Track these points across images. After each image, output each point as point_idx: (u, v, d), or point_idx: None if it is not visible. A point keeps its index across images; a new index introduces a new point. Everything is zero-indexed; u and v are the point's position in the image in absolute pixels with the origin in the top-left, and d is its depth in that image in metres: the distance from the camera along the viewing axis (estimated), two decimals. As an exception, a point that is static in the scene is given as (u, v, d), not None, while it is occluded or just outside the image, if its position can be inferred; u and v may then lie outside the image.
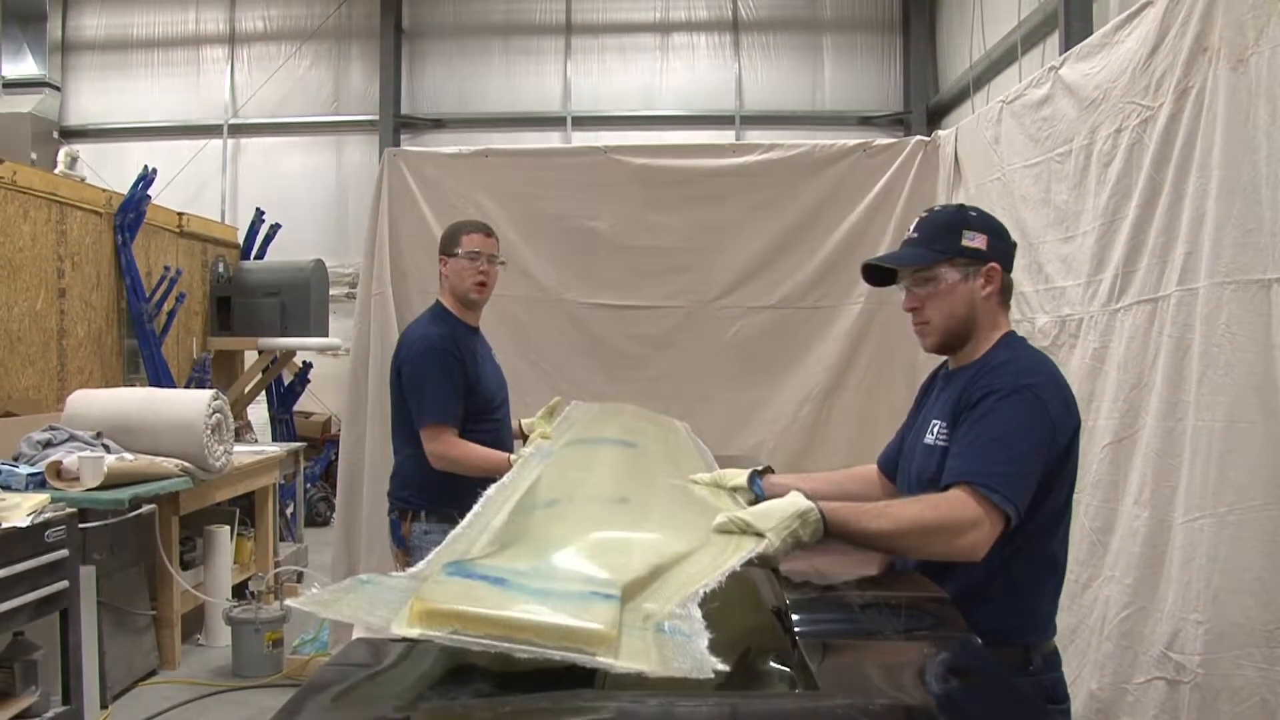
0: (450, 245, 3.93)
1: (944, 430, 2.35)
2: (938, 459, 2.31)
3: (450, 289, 3.95)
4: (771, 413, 5.66)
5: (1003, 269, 2.43)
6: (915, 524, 2.08)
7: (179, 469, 5.53)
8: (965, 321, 2.41)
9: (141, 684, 5.54)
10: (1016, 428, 2.16)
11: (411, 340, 3.89)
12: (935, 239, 2.44)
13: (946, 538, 2.07)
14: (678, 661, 1.42)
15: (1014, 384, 2.23)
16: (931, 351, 2.54)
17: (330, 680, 1.45)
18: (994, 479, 2.10)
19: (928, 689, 1.52)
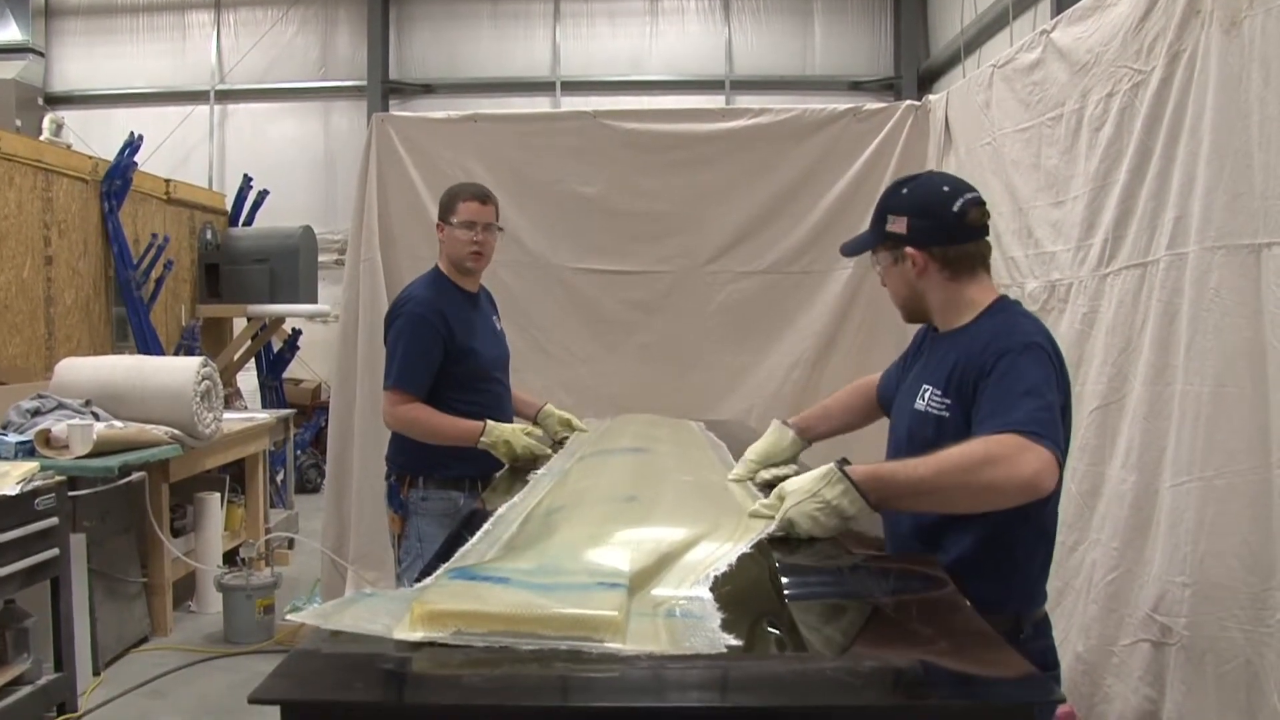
0: (446, 213, 3.84)
1: (937, 397, 2.30)
2: (933, 427, 2.28)
3: (445, 256, 3.88)
4: (761, 377, 5.67)
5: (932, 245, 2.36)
6: (962, 459, 2.00)
7: (168, 436, 5.52)
8: (913, 299, 2.42)
9: (133, 651, 5.55)
10: (1040, 380, 2.13)
11: (400, 302, 3.84)
12: (873, 223, 2.46)
13: (1003, 467, 1.97)
14: (689, 641, 1.42)
15: (1024, 341, 2.20)
16: (908, 322, 2.55)
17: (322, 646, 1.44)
18: (1036, 424, 2.03)
19: (916, 651, 1.53)
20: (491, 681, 1.33)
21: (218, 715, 4.69)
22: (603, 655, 1.36)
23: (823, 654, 1.45)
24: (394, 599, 1.55)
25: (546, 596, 1.46)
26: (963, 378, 2.24)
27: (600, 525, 1.89)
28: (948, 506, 2.10)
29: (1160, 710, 3.25)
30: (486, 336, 3.91)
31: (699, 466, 2.78)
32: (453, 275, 3.87)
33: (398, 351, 3.70)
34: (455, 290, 3.85)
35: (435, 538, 3.56)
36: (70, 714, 4.59)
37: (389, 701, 1.33)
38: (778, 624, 1.66)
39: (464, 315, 3.81)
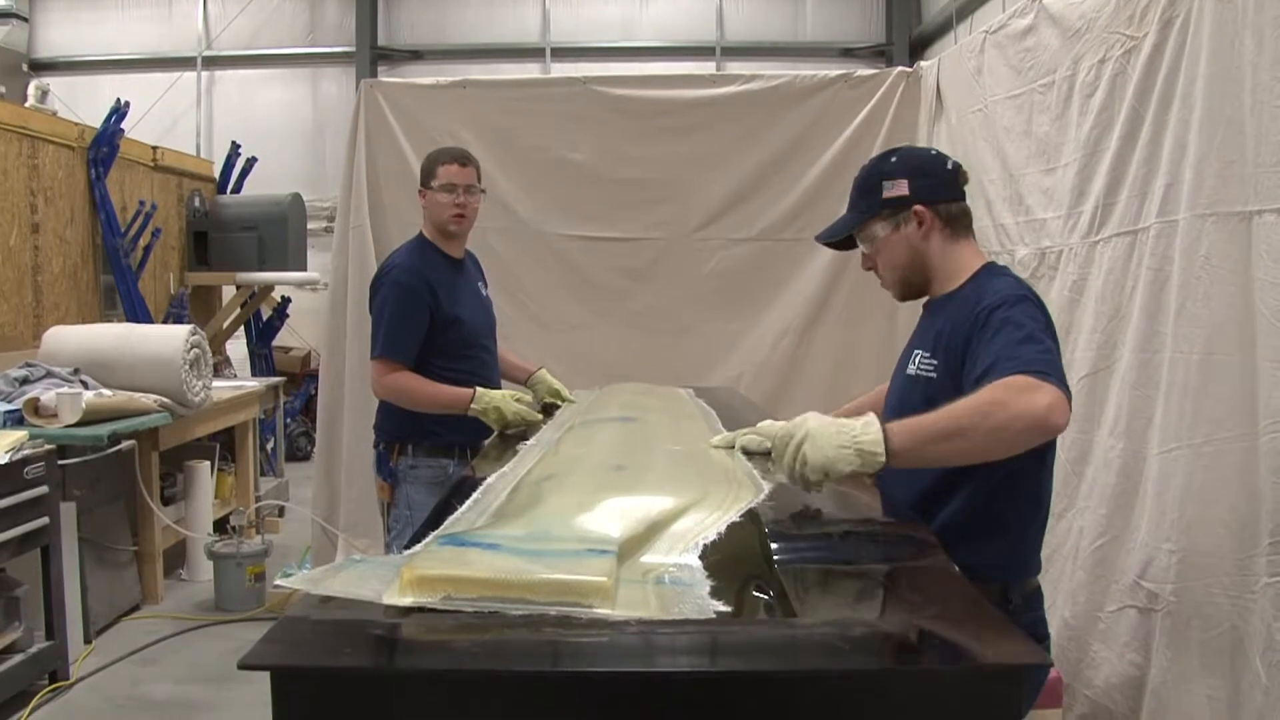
0: (427, 178, 3.80)
1: (925, 359, 2.30)
2: (921, 389, 2.27)
3: (430, 221, 3.83)
4: (751, 344, 5.68)
5: (937, 201, 2.34)
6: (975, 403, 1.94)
7: (158, 404, 5.51)
8: (913, 267, 2.38)
9: (125, 618, 5.56)
10: (1037, 328, 2.09)
11: (384, 270, 3.82)
12: (859, 200, 2.42)
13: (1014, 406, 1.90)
14: (678, 607, 1.42)
15: (1014, 295, 2.18)
16: (901, 301, 2.52)
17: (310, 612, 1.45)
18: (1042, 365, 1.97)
19: (905, 616, 1.54)
20: (481, 646, 1.34)
21: (209, 682, 4.70)
22: (592, 620, 1.37)
23: (811, 620, 1.46)
24: (383, 565, 1.56)
25: (536, 562, 1.47)
26: (950, 338, 2.22)
27: (590, 493, 1.89)
28: (965, 454, 2.02)
29: (1146, 676, 3.28)
30: (472, 303, 3.88)
31: (689, 435, 2.78)
32: (437, 241, 3.83)
33: (383, 320, 3.67)
34: (440, 256, 3.81)
35: (425, 505, 3.49)
36: (62, 682, 4.60)
37: (379, 666, 1.33)
38: (767, 590, 1.67)
39: (449, 281, 3.78)
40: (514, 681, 1.29)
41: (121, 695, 4.60)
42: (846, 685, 1.32)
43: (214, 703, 4.49)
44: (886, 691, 1.33)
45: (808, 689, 1.31)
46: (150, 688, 4.69)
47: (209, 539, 6.01)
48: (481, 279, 4.05)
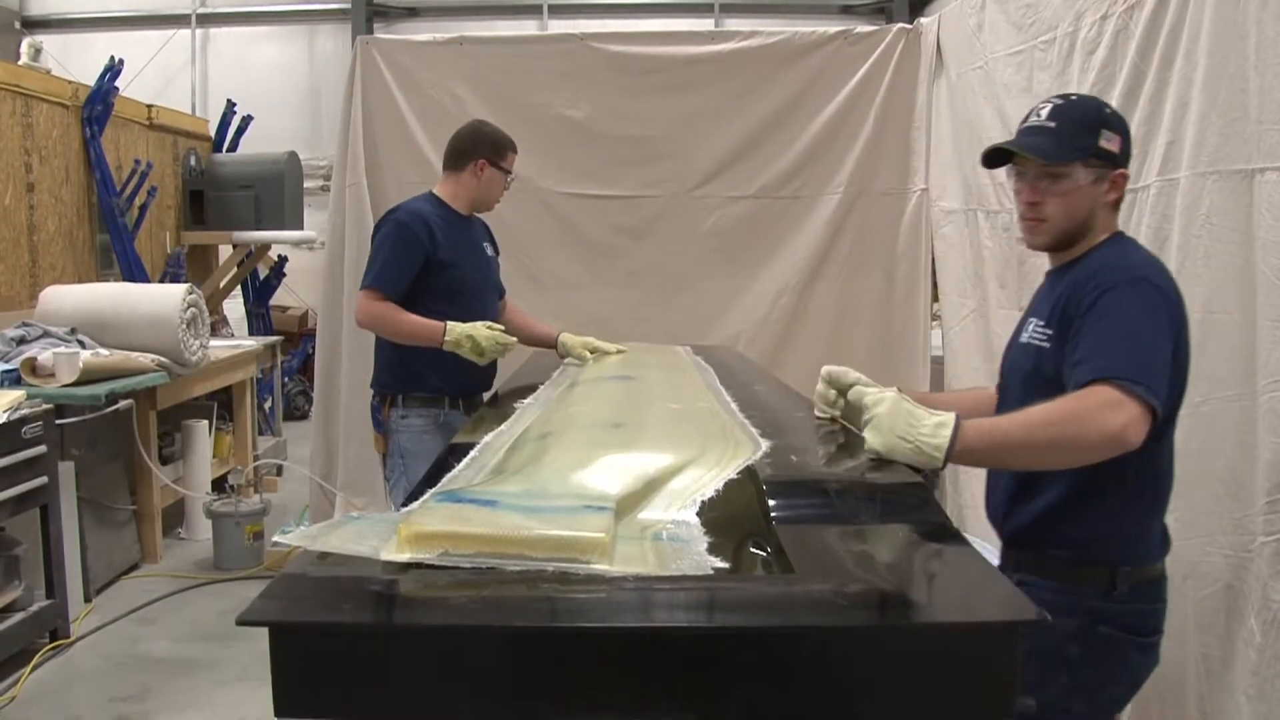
0: (497, 155, 3.94)
1: (1040, 328, 2.21)
2: (1032, 357, 2.21)
3: (469, 191, 3.93)
4: (749, 302, 5.68)
5: (1125, 169, 2.26)
6: (1049, 413, 1.93)
7: (155, 364, 5.50)
8: (1082, 225, 2.22)
9: (124, 577, 5.59)
10: (1142, 320, 2.02)
11: (389, 211, 3.91)
12: (1074, 135, 2.20)
13: (1091, 420, 1.89)
14: (676, 563, 1.43)
15: (1130, 276, 2.08)
16: (1036, 249, 2.33)
17: (308, 569, 1.45)
18: (1132, 371, 1.93)
19: (901, 573, 1.54)
20: (478, 602, 1.34)
21: (208, 640, 4.73)
22: (589, 576, 1.38)
23: (808, 576, 1.46)
24: (381, 521, 1.56)
25: (534, 518, 1.47)
26: (1065, 308, 2.14)
27: (588, 450, 1.89)
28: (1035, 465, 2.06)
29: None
30: (473, 255, 3.94)
31: (687, 393, 2.78)
32: (453, 203, 3.93)
33: (379, 255, 3.76)
34: (446, 209, 3.90)
35: (415, 454, 3.72)
36: (62, 640, 4.63)
37: (377, 622, 1.34)
38: (764, 547, 1.67)
39: (450, 230, 3.84)
40: (511, 637, 1.30)
41: (121, 653, 4.63)
42: (843, 641, 1.33)
43: (213, 660, 4.52)
44: (883, 647, 1.34)
45: (805, 645, 1.32)
46: (150, 645, 4.73)
47: (207, 498, 6.03)
48: (490, 241, 4.13)
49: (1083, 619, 2.11)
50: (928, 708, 1.32)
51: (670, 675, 1.29)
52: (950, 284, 5.17)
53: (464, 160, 3.93)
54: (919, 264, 5.59)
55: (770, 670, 1.30)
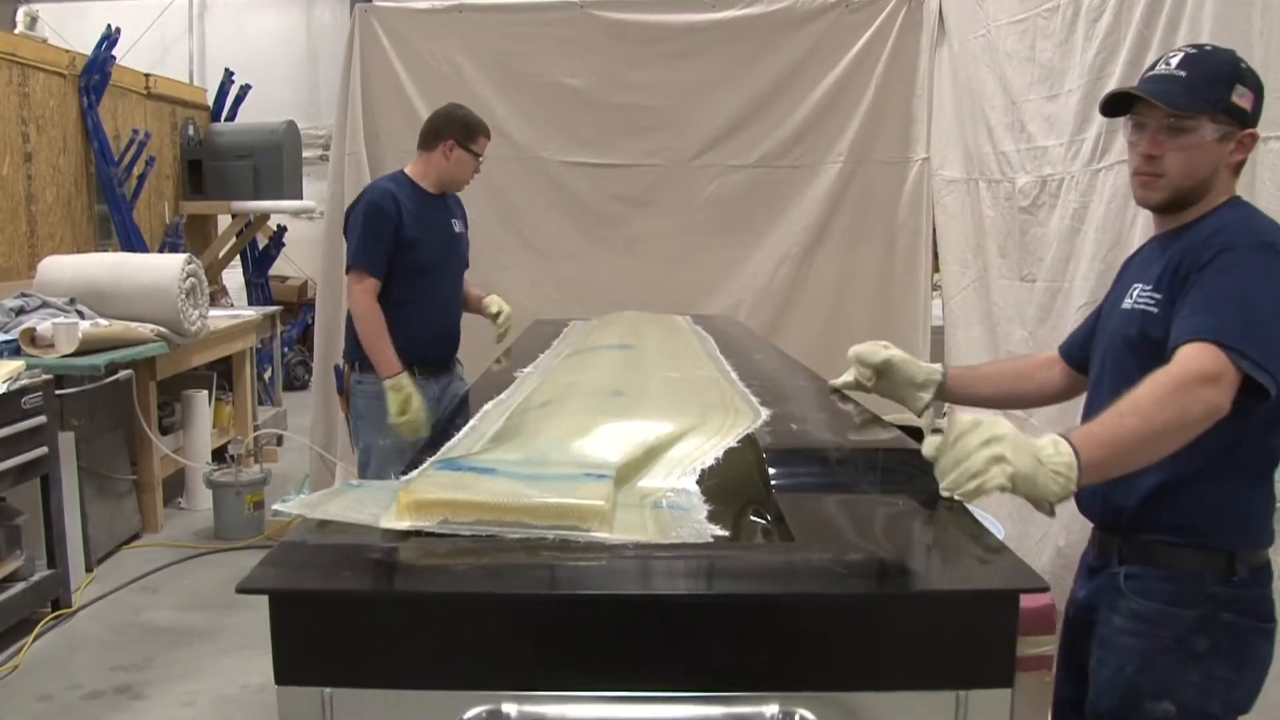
0: (466, 138, 4.03)
1: (1147, 292, 2.02)
2: (1138, 322, 2.01)
3: (438, 170, 4.06)
4: (749, 272, 5.67)
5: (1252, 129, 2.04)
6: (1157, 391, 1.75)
7: (154, 334, 5.50)
8: (1202, 185, 2.02)
9: (125, 547, 5.61)
10: (1258, 286, 1.85)
11: (358, 196, 4.09)
12: (1206, 85, 1.99)
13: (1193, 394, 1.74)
14: (676, 531, 1.43)
15: (1255, 240, 1.91)
16: (1149, 207, 2.11)
17: (307, 537, 1.45)
18: (1232, 336, 1.78)
19: (901, 541, 1.54)
20: (478, 569, 1.34)
21: (209, 609, 4.75)
22: (589, 544, 1.38)
23: (808, 544, 1.46)
24: (381, 489, 1.56)
25: (533, 486, 1.47)
26: (1177, 270, 1.96)
27: (587, 418, 1.89)
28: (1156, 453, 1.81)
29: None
30: (437, 234, 4.08)
31: (686, 362, 2.78)
32: (422, 182, 4.08)
33: (354, 237, 3.95)
34: (414, 188, 4.05)
35: (367, 417, 4.01)
36: (64, 609, 4.65)
37: (377, 589, 1.34)
38: (764, 515, 1.67)
39: (416, 208, 3.99)
40: (511, 604, 1.30)
41: (123, 622, 4.65)
42: (843, 609, 1.33)
43: (214, 629, 4.54)
44: (882, 615, 1.34)
45: (804, 613, 1.32)
46: (152, 615, 4.74)
47: (207, 468, 6.04)
48: (460, 218, 4.24)
49: (1204, 608, 1.95)
50: (928, 676, 1.32)
51: (670, 642, 1.30)
52: (951, 253, 5.16)
53: (435, 141, 4.05)
54: (919, 233, 5.58)
55: (770, 638, 1.30)
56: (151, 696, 3.96)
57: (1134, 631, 1.98)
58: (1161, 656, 1.94)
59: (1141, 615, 1.97)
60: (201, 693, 3.99)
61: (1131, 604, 1.99)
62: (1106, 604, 2.05)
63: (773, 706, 1.28)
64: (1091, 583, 2.13)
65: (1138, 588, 1.99)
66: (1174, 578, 1.97)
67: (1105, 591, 2.06)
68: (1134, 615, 1.98)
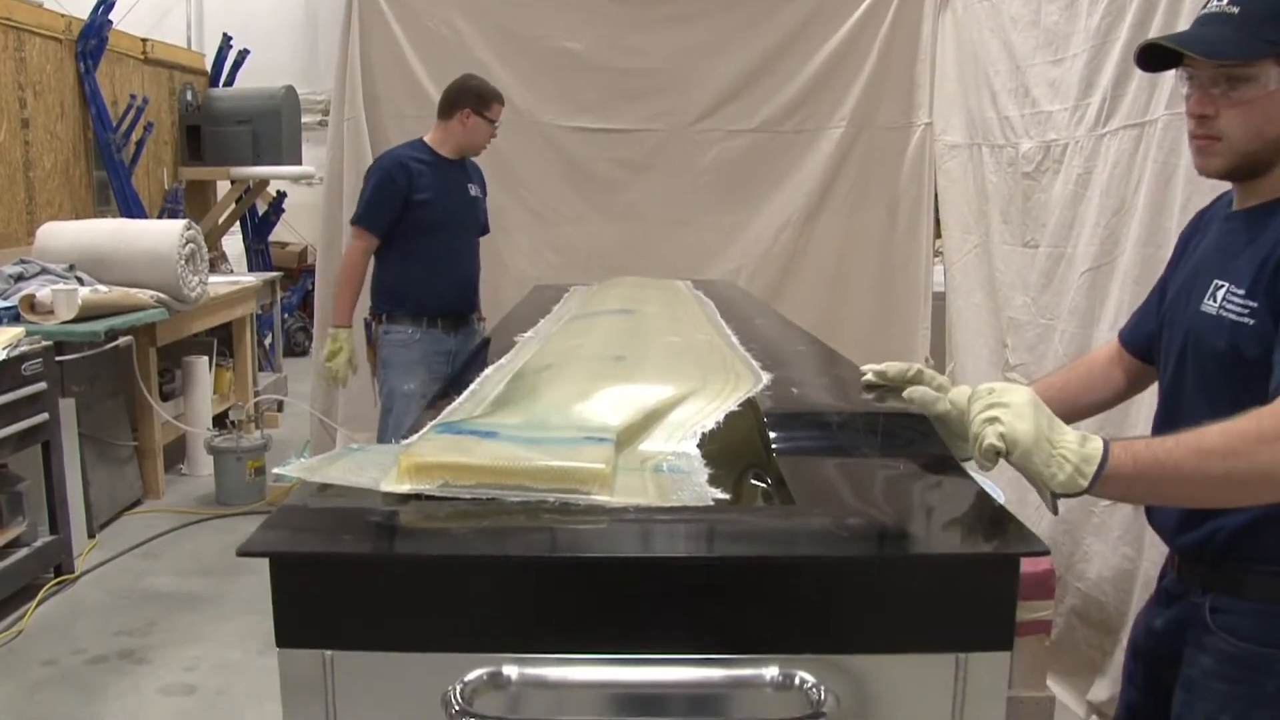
0: (481, 105, 4.44)
1: (1237, 299, 1.66)
2: (1228, 334, 1.66)
3: (455, 138, 4.48)
4: (750, 238, 5.66)
5: None
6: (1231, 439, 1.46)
7: (154, 300, 5.50)
8: (1272, 146, 1.66)
9: (127, 513, 5.63)
10: None
11: (379, 157, 4.56)
12: (1263, 23, 1.62)
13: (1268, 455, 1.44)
14: (676, 494, 1.43)
15: None
16: (1212, 175, 1.75)
17: (308, 501, 1.45)
18: None
19: (902, 505, 1.55)
20: (479, 532, 1.35)
21: (211, 574, 4.78)
22: (590, 507, 1.38)
23: (808, 508, 1.46)
24: (381, 453, 1.56)
25: (534, 449, 1.47)
26: (1278, 272, 1.62)
27: (588, 382, 1.89)
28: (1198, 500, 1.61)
29: (1137, 569, 3.32)
30: (452, 196, 4.49)
31: (687, 326, 2.78)
32: (440, 149, 4.49)
33: (365, 195, 4.44)
34: (430, 153, 4.48)
35: (395, 365, 4.49)
36: (67, 575, 4.68)
37: (377, 552, 1.34)
38: (765, 478, 1.68)
39: (431, 172, 4.44)
40: (511, 567, 1.30)
41: (125, 588, 4.68)
42: (843, 572, 1.33)
43: (216, 594, 4.57)
44: (882, 578, 1.34)
45: (804, 575, 1.32)
46: (154, 580, 4.77)
47: (208, 434, 6.06)
48: (478, 184, 4.68)
49: None
50: (927, 639, 1.32)
51: (670, 606, 1.30)
52: (953, 219, 5.15)
53: (451, 110, 4.46)
54: (922, 199, 5.57)
55: (770, 600, 1.30)
56: (154, 661, 4.00)
57: (1228, 677, 1.71)
58: (1265, 711, 1.67)
59: (1236, 658, 1.70)
60: (203, 657, 4.02)
61: (1221, 644, 1.71)
62: (1192, 641, 1.77)
63: (772, 669, 1.29)
64: (1170, 610, 1.87)
65: (1226, 624, 1.72)
66: (1267, 613, 1.69)
67: (1189, 625, 1.79)
68: (1226, 658, 1.71)
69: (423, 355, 4.48)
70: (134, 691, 3.78)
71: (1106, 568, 3.48)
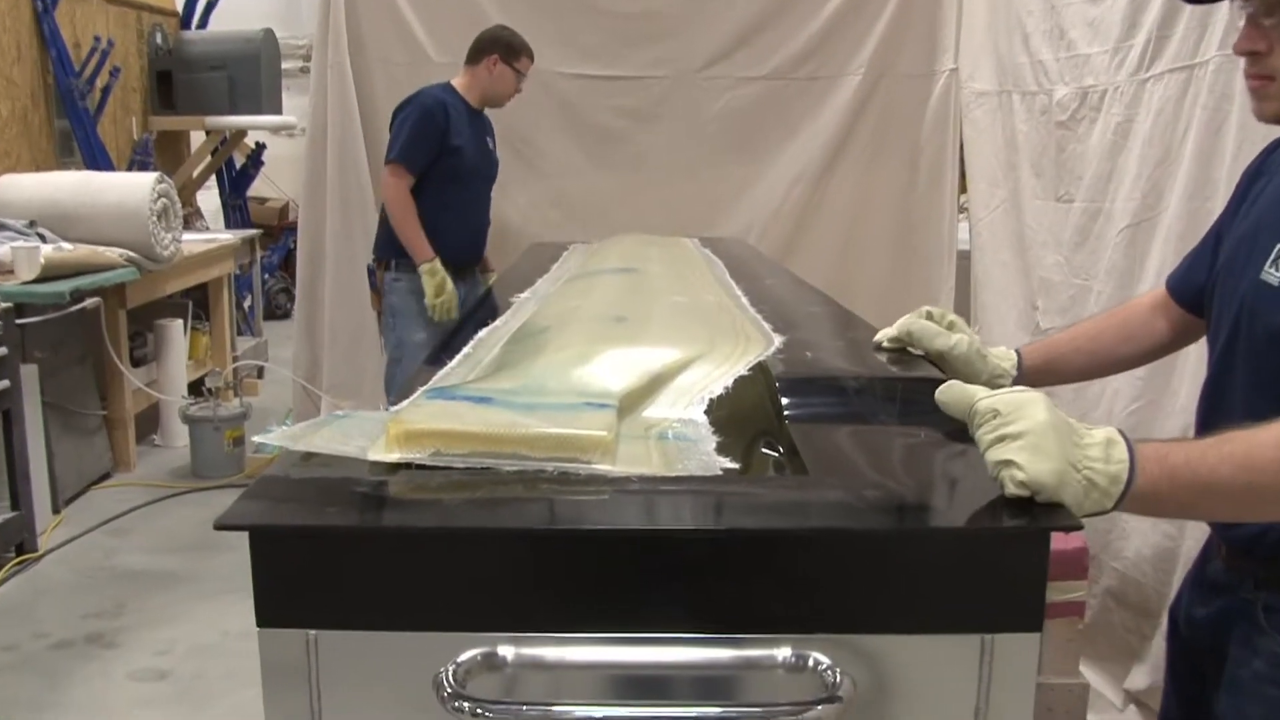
0: (510, 55, 4.73)
1: None
2: None
3: (481, 85, 4.77)
4: (761, 193, 5.65)
5: None
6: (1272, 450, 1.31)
7: (123, 259, 5.50)
8: None
9: (95, 487, 5.65)
10: None
11: (412, 95, 4.69)
12: None
13: None
14: (682, 463, 1.43)
15: None
16: (1269, 121, 1.67)
17: (291, 471, 1.46)
18: None
19: (922, 476, 1.55)
20: (472, 504, 1.35)
21: (187, 552, 4.80)
22: (590, 477, 1.38)
23: (822, 478, 1.47)
24: (368, 420, 1.56)
25: (531, 416, 1.47)
26: None
27: (588, 345, 1.89)
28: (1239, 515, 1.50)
29: (1179, 548, 3.31)
30: (477, 145, 4.73)
31: (694, 286, 2.78)
32: (466, 95, 4.76)
33: (403, 132, 4.59)
34: (461, 100, 4.74)
35: (402, 312, 4.73)
36: (30, 554, 4.69)
37: (364, 525, 1.34)
38: (776, 447, 1.68)
39: (462, 119, 4.69)
40: (507, 540, 1.31)
41: (93, 567, 4.69)
42: (860, 546, 1.32)
43: (191, 573, 4.59)
44: (902, 553, 1.33)
45: (819, 550, 1.32)
46: (123, 558, 4.79)
47: (183, 402, 6.07)
48: (492, 137, 4.95)
49: None
50: (950, 618, 1.31)
51: (676, 582, 1.30)
52: (979, 172, 5.13)
53: (479, 56, 4.73)
54: (945, 151, 5.55)
55: (782, 576, 1.30)
56: (124, 645, 4.01)
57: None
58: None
59: None
60: (178, 640, 4.04)
61: (1276, 646, 1.62)
62: (1240, 639, 1.68)
63: (785, 649, 1.29)
64: (1216, 602, 1.77)
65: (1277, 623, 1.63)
66: None
67: (1237, 621, 1.69)
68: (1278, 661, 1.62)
69: None
70: (102, 677, 3.80)
71: (1146, 546, 3.47)
